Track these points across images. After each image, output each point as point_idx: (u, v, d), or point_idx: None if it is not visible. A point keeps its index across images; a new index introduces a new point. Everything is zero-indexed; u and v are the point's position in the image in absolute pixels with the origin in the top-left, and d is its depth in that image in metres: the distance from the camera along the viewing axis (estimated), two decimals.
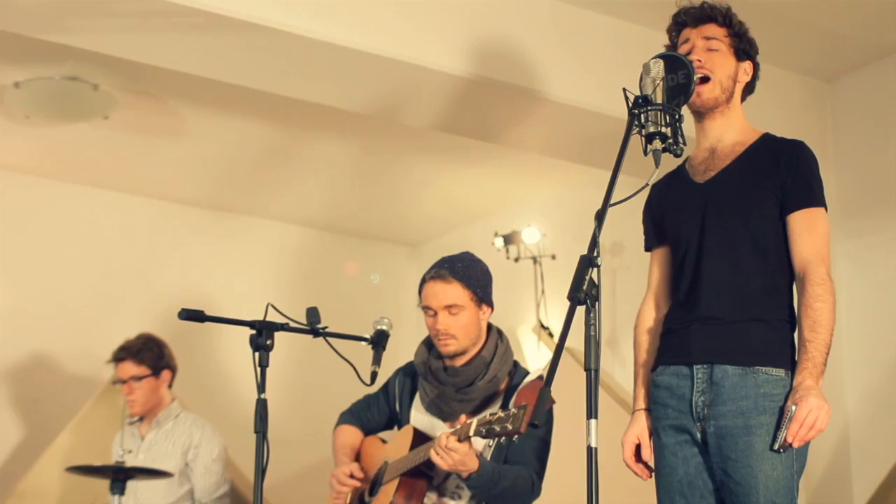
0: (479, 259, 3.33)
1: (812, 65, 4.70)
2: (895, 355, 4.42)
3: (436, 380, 3.26)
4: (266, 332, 2.81)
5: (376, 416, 3.50)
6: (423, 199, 6.36)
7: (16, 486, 5.34)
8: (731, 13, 2.74)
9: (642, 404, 2.74)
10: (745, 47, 2.74)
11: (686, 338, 2.62)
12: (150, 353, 4.48)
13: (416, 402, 3.37)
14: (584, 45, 4.27)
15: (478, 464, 2.96)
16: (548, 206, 6.02)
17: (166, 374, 4.52)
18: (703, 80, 2.68)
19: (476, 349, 3.26)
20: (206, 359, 6.05)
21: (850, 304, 4.46)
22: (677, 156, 2.43)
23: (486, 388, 3.21)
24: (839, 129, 4.77)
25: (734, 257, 2.61)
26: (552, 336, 5.68)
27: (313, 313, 2.97)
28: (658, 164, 2.35)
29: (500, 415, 2.80)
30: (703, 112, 2.73)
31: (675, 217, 2.75)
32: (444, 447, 2.91)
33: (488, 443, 3.07)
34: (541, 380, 3.20)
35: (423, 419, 3.31)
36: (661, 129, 2.36)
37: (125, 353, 4.47)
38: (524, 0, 4.16)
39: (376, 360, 3.09)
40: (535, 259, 5.76)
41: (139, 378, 4.44)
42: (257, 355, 2.81)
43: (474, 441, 2.96)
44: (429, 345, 3.36)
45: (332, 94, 4.24)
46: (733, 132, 2.73)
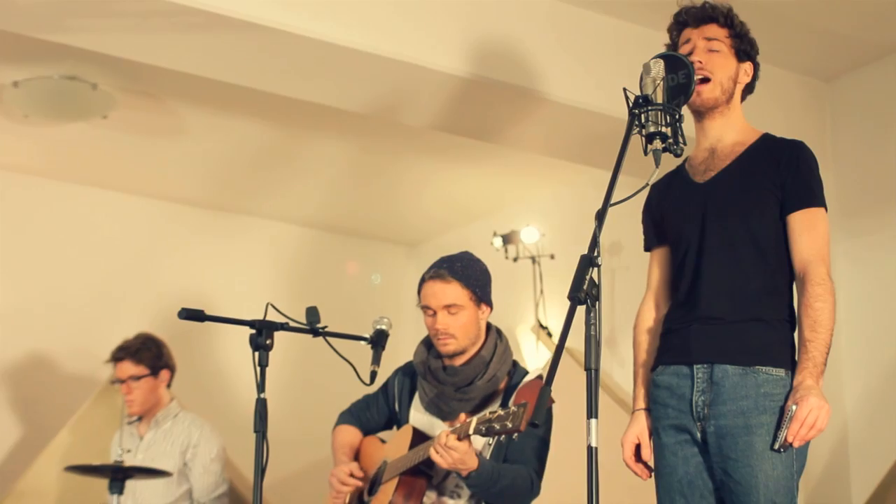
0: (478, 259, 3.33)
1: (811, 65, 4.70)
2: (894, 355, 4.42)
3: (435, 379, 3.26)
4: (266, 331, 2.81)
5: (375, 415, 3.50)
6: (423, 199, 6.36)
7: (14, 486, 5.33)
8: (732, 14, 2.74)
9: (642, 404, 2.73)
10: (746, 48, 2.75)
11: (686, 337, 2.63)
12: (149, 353, 4.48)
13: (416, 401, 3.37)
14: (583, 44, 4.27)
15: (477, 462, 2.96)
16: (546, 205, 6.02)
17: (165, 374, 4.52)
18: (704, 80, 2.68)
19: (475, 349, 3.25)
20: (205, 358, 6.05)
21: (849, 304, 4.46)
22: (677, 156, 2.43)
23: (485, 387, 3.21)
24: (838, 129, 4.78)
25: (734, 257, 2.61)
26: (551, 336, 5.68)
27: (313, 313, 2.97)
28: (658, 163, 2.36)
29: (499, 413, 2.80)
30: (702, 112, 2.73)
31: (675, 217, 2.75)
32: (443, 445, 2.91)
33: (488, 441, 3.07)
34: (540, 379, 3.20)
35: (422, 419, 3.31)
36: (661, 129, 2.36)
37: (124, 353, 4.47)
38: (523, 0, 4.17)
39: (376, 360, 3.09)
40: (533, 259, 5.76)
41: (138, 378, 4.44)
42: (257, 355, 2.81)
43: (474, 440, 2.96)
44: (428, 344, 3.36)
45: (331, 93, 4.24)
46: (733, 132, 2.74)
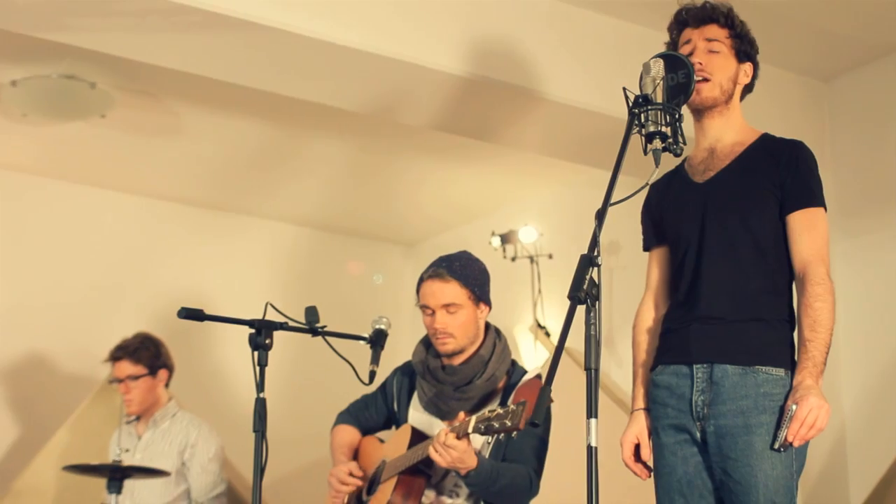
0: (477, 258, 3.33)
1: (809, 65, 4.70)
2: (892, 355, 4.43)
3: (434, 378, 3.26)
4: (265, 331, 2.81)
5: (374, 415, 3.50)
6: (421, 199, 6.36)
7: (12, 485, 5.33)
8: (733, 14, 2.74)
9: (641, 404, 2.73)
10: (746, 48, 2.74)
11: (686, 337, 2.63)
12: (147, 353, 4.47)
13: (415, 401, 3.37)
14: (582, 44, 4.27)
15: (476, 461, 2.96)
16: (545, 205, 6.02)
17: (163, 374, 4.51)
18: (703, 80, 2.68)
19: (474, 348, 3.26)
20: (204, 358, 6.05)
21: (847, 304, 4.46)
22: (677, 155, 2.43)
23: (484, 386, 3.21)
24: (836, 129, 4.78)
25: (734, 257, 2.61)
26: (549, 335, 5.68)
27: (312, 312, 2.97)
28: (658, 163, 2.36)
29: (498, 411, 2.81)
30: (701, 110, 2.73)
31: (675, 217, 2.75)
32: (442, 444, 2.91)
33: (487, 440, 3.07)
34: (539, 378, 3.21)
35: (421, 418, 3.31)
36: (661, 129, 2.37)
37: (122, 352, 4.46)
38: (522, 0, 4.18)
39: (375, 360, 3.09)
40: (531, 258, 5.76)
41: (136, 377, 4.43)
42: (256, 354, 2.81)
43: (473, 439, 2.96)
44: (427, 344, 3.36)
45: (329, 93, 4.24)
46: (732, 132, 2.74)
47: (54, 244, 5.96)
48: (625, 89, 2.42)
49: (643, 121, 2.38)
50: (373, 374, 3.06)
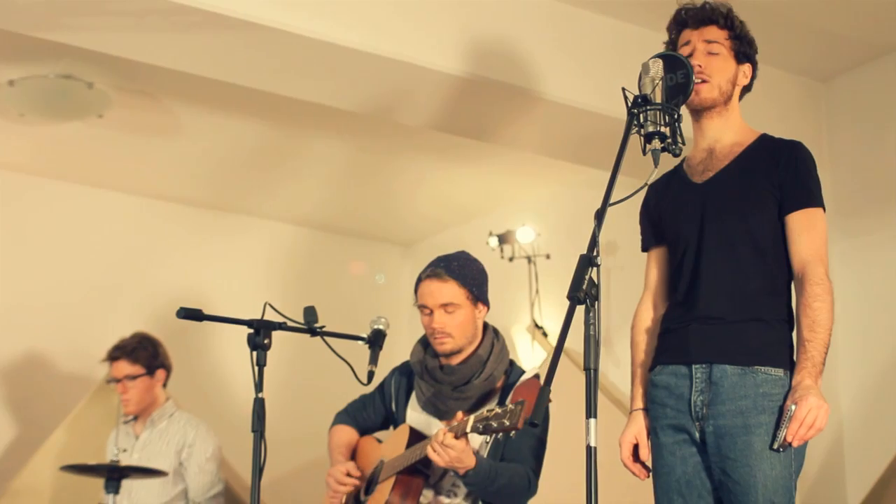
0: (475, 258, 3.34)
1: (807, 65, 4.71)
2: (889, 355, 4.43)
3: (432, 378, 3.26)
4: (264, 331, 2.81)
5: (372, 415, 3.50)
6: (418, 199, 6.36)
7: (9, 484, 5.33)
8: (732, 15, 2.74)
9: (640, 404, 2.73)
10: (746, 49, 2.74)
11: (685, 337, 2.63)
12: (145, 353, 4.47)
13: (413, 401, 3.37)
14: (581, 44, 4.27)
15: (474, 461, 2.96)
16: (543, 205, 6.02)
17: (161, 374, 4.51)
18: (702, 82, 2.68)
19: (472, 347, 3.26)
20: (202, 358, 6.04)
21: (845, 304, 4.45)
22: (676, 155, 2.43)
23: (482, 386, 3.21)
24: (834, 129, 4.78)
25: (733, 257, 2.62)
26: (546, 336, 5.68)
27: (311, 312, 2.96)
28: (657, 163, 2.36)
29: (497, 411, 2.81)
30: (700, 111, 2.73)
31: (674, 217, 2.75)
32: (440, 443, 2.91)
33: (485, 440, 3.07)
34: (537, 378, 3.21)
35: (419, 418, 3.31)
36: (660, 129, 2.37)
37: (120, 352, 4.46)
38: (521, 0, 4.17)
39: (373, 360, 3.08)
40: (529, 258, 5.76)
41: (133, 377, 4.43)
42: (255, 354, 2.80)
43: (471, 438, 2.96)
44: (425, 344, 3.36)
45: (327, 92, 4.24)
46: (731, 132, 2.74)
47: (51, 244, 5.95)
48: (624, 89, 2.42)
49: (642, 121, 2.38)
50: (371, 375, 3.05)
